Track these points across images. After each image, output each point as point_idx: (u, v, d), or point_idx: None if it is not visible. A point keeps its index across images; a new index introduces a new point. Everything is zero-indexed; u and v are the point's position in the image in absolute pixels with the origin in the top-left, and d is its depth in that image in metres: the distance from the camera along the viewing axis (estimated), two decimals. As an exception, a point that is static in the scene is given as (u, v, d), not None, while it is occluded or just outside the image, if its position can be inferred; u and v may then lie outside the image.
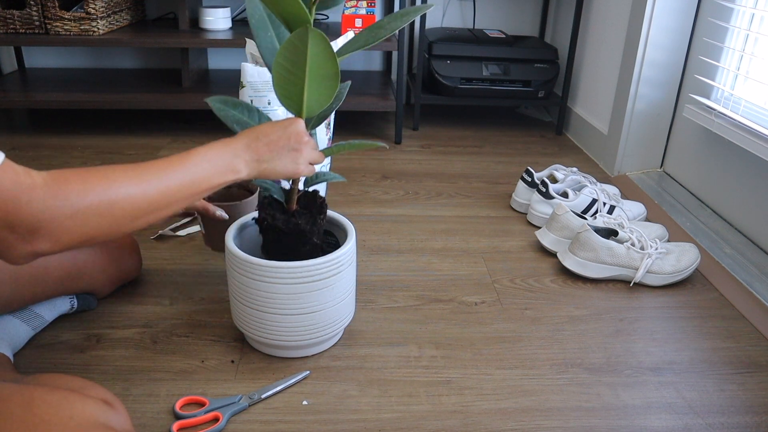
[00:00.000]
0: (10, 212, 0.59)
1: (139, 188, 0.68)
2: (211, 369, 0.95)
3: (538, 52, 2.05)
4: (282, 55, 0.76)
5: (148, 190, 0.69)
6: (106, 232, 0.67)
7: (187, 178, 0.73)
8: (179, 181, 0.72)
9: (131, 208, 0.68)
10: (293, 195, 0.93)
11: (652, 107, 1.67)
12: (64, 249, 0.65)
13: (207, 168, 0.75)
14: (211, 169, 0.75)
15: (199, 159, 0.74)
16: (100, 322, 1.05)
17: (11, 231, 0.60)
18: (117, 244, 1.06)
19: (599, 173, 1.78)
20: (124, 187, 0.67)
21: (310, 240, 0.92)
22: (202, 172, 0.74)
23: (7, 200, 0.59)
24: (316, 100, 0.82)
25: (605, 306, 1.15)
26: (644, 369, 0.99)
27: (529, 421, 0.87)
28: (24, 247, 0.61)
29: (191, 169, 0.73)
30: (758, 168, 1.32)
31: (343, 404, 0.89)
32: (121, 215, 0.67)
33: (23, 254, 0.62)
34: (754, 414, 0.90)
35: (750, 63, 1.39)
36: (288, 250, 0.93)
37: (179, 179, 0.72)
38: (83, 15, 1.81)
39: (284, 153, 0.81)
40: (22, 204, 0.60)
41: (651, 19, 1.58)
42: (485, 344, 1.03)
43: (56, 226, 0.62)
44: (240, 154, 0.78)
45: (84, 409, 0.65)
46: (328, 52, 0.75)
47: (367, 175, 1.72)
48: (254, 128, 0.81)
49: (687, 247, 1.25)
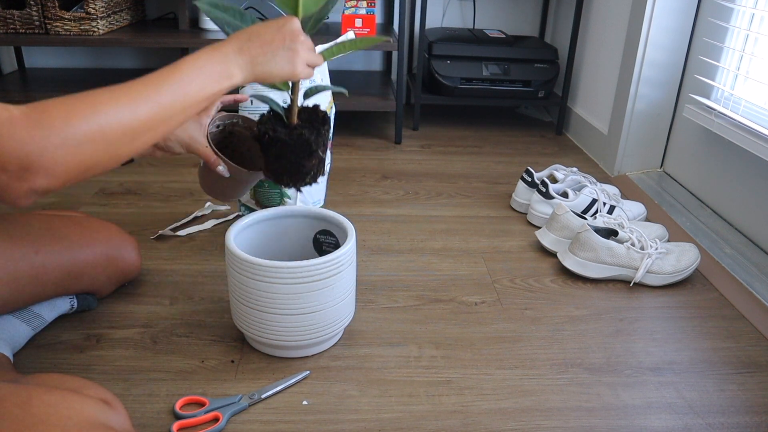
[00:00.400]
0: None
1: (129, 109, 0.65)
2: (211, 369, 0.95)
3: (538, 52, 2.05)
4: None
5: (139, 110, 0.65)
6: (106, 158, 0.64)
7: (180, 91, 0.69)
8: (171, 96, 0.68)
9: (124, 129, 0.64)
10: (293, 108, 0.88)
11: (652, 107, 1.67)
12: (65, 182, 0.62)
13: (199, 77, 0.70)
14: (203, 78, 0.71)
15: (189, 69, 0.70)
16: (100, 322, 1.05)
17: (1, 170, 0.57)
18: (117, 244, 1.06)
19: (599, 173, 1.78)
20: (113, 110, 0.63)
21: (315, 152, 0.88)
22: (194, 83, 0.70)
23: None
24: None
25: (605, 306, 1.15)
26: (644, 369, 0.99)
27: (529, 421, 0.87)
28: (20, 186, 0.59)
29: (182, 81, 0.69)
30: (758, 168, 1.32)
31: (343, 404, 0.89)
32: (115, 138, 0.64)
33: (22, 193, 0.59)
34: (754, 414, 0.90)
35: (750, 63, 1.39)
36: (293, 166, 0.88)
37: (171, 94, 0.68)
38: (83, 15, 1.81)
39: (279, 53, 0.76)
40: (4, 138, 0.56)
41: (651, 19, 1.58)
42: (485, 344, 1.03)
43: (47, 158, 0.58)
44: (232, 58, 0.74)
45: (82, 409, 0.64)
46: None
47: (367, 175, 1.72)
48: (246, 30, 0.76)
49: (687, 247, 1.25)
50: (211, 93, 0.72)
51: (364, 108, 1.94)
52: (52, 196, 1.49)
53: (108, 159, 0.64)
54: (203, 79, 0.71)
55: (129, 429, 0.69)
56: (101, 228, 1.05)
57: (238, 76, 0.74)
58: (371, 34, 1.91)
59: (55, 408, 0.62)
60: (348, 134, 2.03)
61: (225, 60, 0.73)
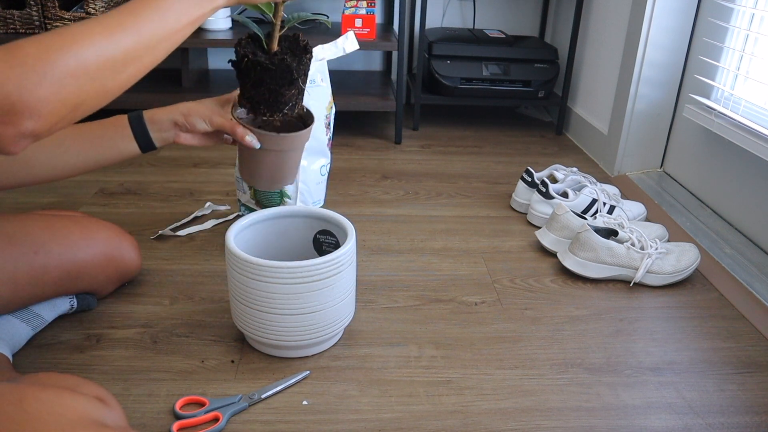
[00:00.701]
0: None
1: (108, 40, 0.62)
2: (211, 369, 0.95)
3: (538, 52, 2.05)
4: None
5: (118, 41, 0.62)
6: (92, 93, 0.61)
7: (159, 19, 0.66)
8: (151, 23, 0.65)
9: (105, 61, 0.61)
10: (274, 33, 0.85)
11: (652, 107, 1.67)
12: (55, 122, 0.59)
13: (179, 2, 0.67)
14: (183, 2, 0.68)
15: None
16: (100, 322, 1.05)
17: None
18: (117, 244, 1.06)
19: (599, 173, 1.78)
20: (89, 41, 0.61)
21: (296, 81, 0.84)
22: (174, 7, 0.67)
23: None
24: None
25: (605, 306, 1.15)
26: (644, 369, 0.99)
27: (529, 421, 0.87)
28: (8, 131, 0.56)
29: (161, 7, 0.66)
30: (758, 168, 1.32)
31: (343, 404, 0.89)
32: (97, 71, 0.61)
33: (10, 139, 0.56)
34: (754, 414, 0.90)
35: (750, 63, 1.39)
36: (272, 94, 0.85)
37: (150, 21, 0.65)
38: (83, 15, 1.81)
39: None
40: None
41: (651, 19, 1.58)
42: (485, 344, 1.03)
43: (28, 96, 0.56)
44: None
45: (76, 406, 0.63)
46: None
47: (367, 175, 1.72)
48: None
49: (687, 247, 1.25)
50: (194, 17, 0.69)
51: (364, 108, 1.94)
52: (52, 196, 1.49)
53: (95, 94, 0.62)
54: (184, 2, 0.68)
55: (124, 426, 0.68)
56: (101, 228, 1.04)
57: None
58: (371, 34, 1.92)
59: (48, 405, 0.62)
60: (348, 134, 2.03)
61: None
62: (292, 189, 1.33)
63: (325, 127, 1.36)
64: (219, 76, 2.20)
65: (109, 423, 0.65)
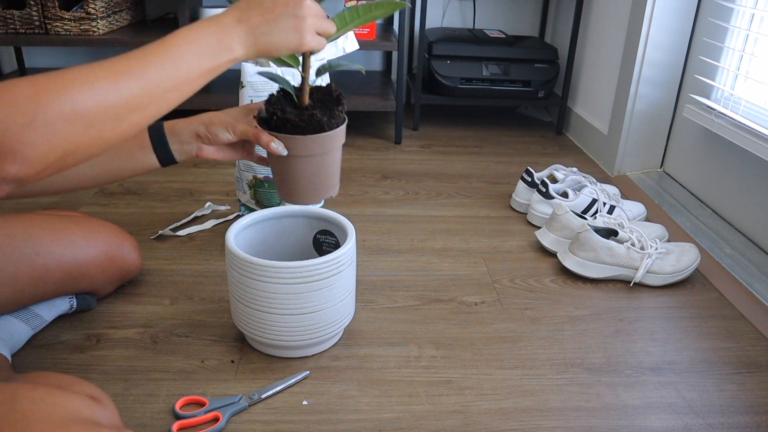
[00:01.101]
0: None
1: (110, 85, 0.57)
2: (211, 369, 0.95)
3: (538, 52, 2.05)
4: None
5: (121, 87, 0.58)
6: (87, 141, 0.56)
7: (170, 66, 0.62)
8: (161, 71, 0.61)
9: (105, 108, 0.57)
10: (305, 86, 0.81)
11: (652, 107, 1.67)
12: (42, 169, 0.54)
13: (193, 51, 0.63)
14: (198, 51, 0.64)
15: (181, 41, 0.63)
16: (100, 322, 1.04)
17: None
18: (118, 244, 1.06)
19: (599, 173, 1.78)
20: (89, 86, 0.56)
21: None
22: (187, 57, 0.63)
23: None
24: None
25: (605, 306, 1.15)
26: (644, 369, 0.99)
27: (529, 421, 0.87)
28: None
29: (174, 55, 0.62)
30: (758, 168, 1.32)
31: (343, 404, 0.89)
32: (95, 118, 0.56)
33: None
34: (754, 414, 0.90)
35: (750, 63, 1.39)
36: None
37: (160, 69, 0.61)
38: (83, 15, 1.81)
39: (283, 21, 0.69)
40: None
41: (651, 19, 1.58)
42: (485, 344, 1.03)
43: (14, 139, 0.51)
44: (231, 29, 0.67)
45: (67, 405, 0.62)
46: None
47: (367, 175, 1.72)
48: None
49: (687, 247, 1.25)
50: (207, 68, 0.65)
51: (364, 108, 1.94)
52: (53, 197, 1.49)
53: (90, 142, 0.57)
54: (198, 52, 0.64)
55: (118, 425, 0.67)
56: (101, 228, 1.04)
57: (239, 49, 0.68)
58: (371, 34, 1.91)
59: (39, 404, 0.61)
60: (348, 134, 2.02)
61: (222, 31, 0.66)
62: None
63: (325, 127, 1.35)
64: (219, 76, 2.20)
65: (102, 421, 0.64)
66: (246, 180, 1.35)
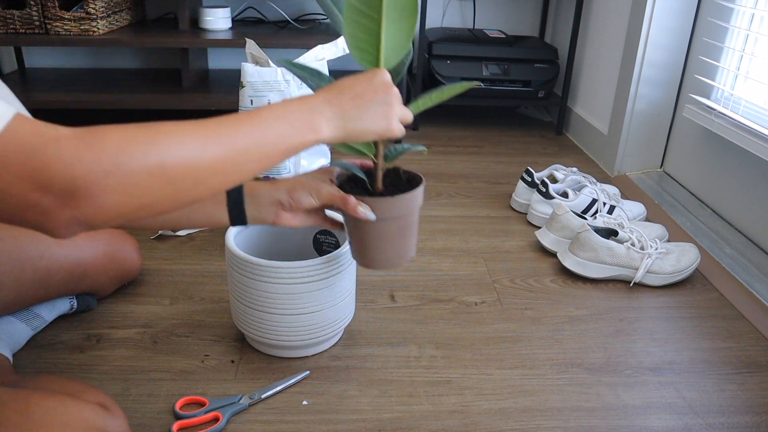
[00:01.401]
0: (37, 169, 0.49)
1: (198, 145, 0.57)
2: (211, 369, 0.95)
3: (538, 52, 2.05)
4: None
5: (208, 149, 0.57)
6: (164, 198, 0.56)
7: (258, 136, 0.61)
8: (248, 140, 0.60)
9: (189, 168, 0.56)
10: (378, 173, 0.80)
11: (652, 107, 1.67)
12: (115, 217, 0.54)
13: (281, 125, 0.63)
14: (286, 126, 0.63)
15: (272, 115, 0.63)
16: (100, 322, 1.05)
17: (44, 192, 0.50)
18: (119, 245, 1.06)
19: (599, 173, 1.78)
20: (178, 142, 0.56)
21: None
22: (275, 130, 0.62)
23: (30, 153, 0.49)
24: (394, 43, 0.70)
25: (605, 306, 1.15)
26: (644, 369, 0.99)
27: (529, 421, 0.87)
28: (64, 213, 0.51)
29: (262, 126, 0.62)
30: (758, 168, 1.32)
31: (343, 404, 0.89)
32: (177, 176, 0.55)
33: (65, 222, 0.52)
34: (754, 414, 0.90)
35: (750, 63, 1.39)
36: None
37: (248, 137, 0.60)
38: (83, 15, 1.81)
39: (373, 107, 0.68)
40: (49, 156, 0.49)
41: (651, 19, 1.58)
42: (485, 344, 1.03)
43: (95, 184, 0.51)
44: (321, 110, 0.66)
45: (80, 414, 0.64)
46: None
47: (367, 175, 1.72)
48: (335, 83, 0.69)
49: (687, 247, 1.25)
50: (292, 145, 0.64)
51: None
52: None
53: (167, 200, 0.56)
54: (286, 127, 0.63)
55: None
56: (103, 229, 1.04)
57: (326, 131, 0.66)
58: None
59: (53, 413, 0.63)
60: (348, 134, 2.03)
61: (312, 111, 0.65)
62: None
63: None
64: (219, 76, 2.20)
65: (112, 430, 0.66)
66: (246, 180, 1.35)
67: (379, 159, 0.80)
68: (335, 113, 0.67)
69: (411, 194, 0.81)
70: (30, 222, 0.52)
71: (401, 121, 0.72)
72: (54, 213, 0.51)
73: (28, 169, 0.49)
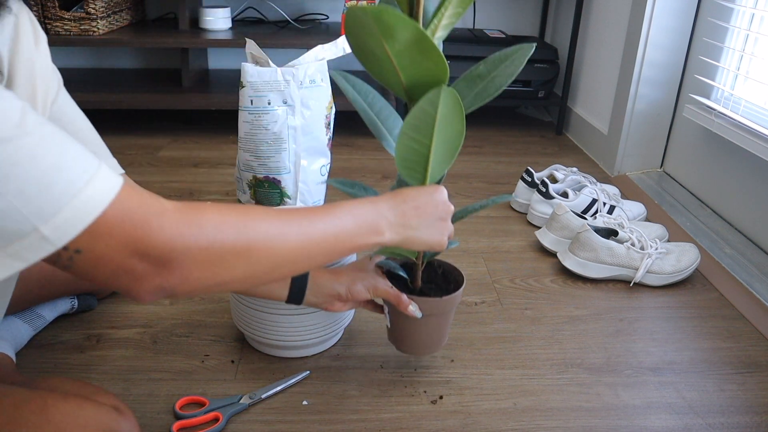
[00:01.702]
0: (140, 238, 0.53)
1: (280, 230, 0.61)
2: (211, 369, 0.95)
3: (538, 52, 2.05)
4: (409, 124, 0.69)
5: (288, 234, 0.62)
6: (241, 278, 0.60)
7: (330, 230, 0.66)
8: (322, 232, 0.65)
9: (269, 252, 0.61)
10: (417, 272, 0.88)
11: (652, 107, 1.67)
12: (194, 290, 0.57)
13: (351, 224, 0.68)
14: (355, 226, 0.68)
15: (344, 213, 0.68)
16: (100, 322, 1.05)
17: (141, 259, 0.53)
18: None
19: (599, 173, 1.78)
20: (264, 226, 0.60)
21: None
22: (345, 228, 0.67)
23: (137, 224, 0.53)
24: (440, 164, 0.75)
25: (605, 306, 1.15)
26: (644, 369, 0.99)
27: (529, 421, 0.87)
28: (153, 280, 0.55)
29: (335, 222, 0.67)
30: (758, 168, 1.32)
31: (343, 404, 0.89)
32: (257, 260, 0.60)
33: (151, 288, 0.55)
34: (754, 414, 0.90)
35: (750, 63, 1.39)
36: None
37: (322, 229, 0.65)
38: (83, 15, 1.81)
39: (431, 221, 0.74)
40: (153, 228, 0.53)
41: (651, 19, 1.58)
42: (485, 344, 1.03)
43: (189, 258, 0.55)
44: (385, 215, 0.71)
45: (96, 417, 0.66)
46: (458, 109, 0.68)
47: (367, 175, 1.72)
48: (399, 191, 0.74)
49: (687, 247, 1.25)
50: (357, 244, 0.69)
51: (364, 108, 1.94)
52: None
53: (243, 279, 0.60)
54: (356, 226, 0.68)
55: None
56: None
57: (387, 235, 0.71)
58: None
59: (71, 416, 0.65)
60: (348, 134, 2.03)
61: (379, 215, 0.71)
62: (292, 189, 1.33)
63: (325, 127, 1.36)
64: (219, 76, 2.20)
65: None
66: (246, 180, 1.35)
67: (419, 259, 0.86)
68: (398, 220, 0.72)
69: (455, 295, 0.88)
70: (120, 285, 0.55)
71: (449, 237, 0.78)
72: (145, 279, 0.54)
73: (133, 238, 0.52)
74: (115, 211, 0.52)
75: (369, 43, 0.66)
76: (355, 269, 0.88)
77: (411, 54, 0.66)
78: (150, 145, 1.87)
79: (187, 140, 1.92)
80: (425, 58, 0.66)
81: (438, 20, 0.69)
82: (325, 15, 2.29)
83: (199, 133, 1.98)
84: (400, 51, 0.65)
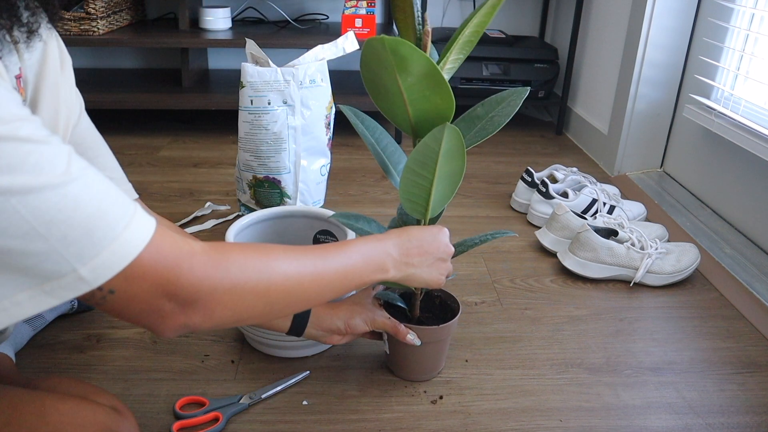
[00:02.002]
0: (171, 281, 0.55)
1: (297, 270, 0.64)
2: (211, 369, 0.95)
3: (538, 52, 2.05)
4: (413, 159, 0.72)
5: (304, 274, 0.65)
6: (257, 315, 0.63)
7: (342, 267, 0.69)
8: (335, 269, 0.68)
9: (287, 293, 0.64)
10: (416, 302, 0.91)
11: (652, 107, 1.67)
12: (212, 326, 0.60)
13: (360, 262, 0.71)
14: (363, 264, 0.71)
15: (354, 250, 0.70)
16: (100, 322, 1.05)
17: (169, 299, 0.55)
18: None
19: (599, 173, 1.78)
20: (283, 266, 0.63)
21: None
22: (355, 266, 0.70)
23: (169, 266, 0.55)
24: (440, 199, 0.78)
25: (605, 306, 1.15)
26: (644, 369, 0.99)
27: (529, 421, 0.87)
28: (178, 319, 0.57)
29: (346, 259, 0.69)
30: (758, 168, 1.32)
31: (343, 404, 0.89)
32: (276, 300, 0.63)
33: (175, 326, 0.58)
34: (754, 414, 0.90)
35: (750, 63, 1.39)
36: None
37: (335, 266, 0.68)
38: (83, 15, 1.81)
39: (432, 261, 0.78)
40: (183, 271, 0.55)
41: (651, 19, 1.58)
42: (485, 344, 1.03)
43: (214, 298, 0.58)
44: (391, 252, 0.74)
45: (95, 417, 0.66)
46: (460, 146, 0.70)
47: (367, 175, 1.72)
48: (404, 229, 0.78)
49: (687, 247, 1.25)
50: (363, 281, 0.72)
51: (365, 108, 1.94)
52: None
53: (260, 315, 0.63)
54: (364, 264, 0.71)
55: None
56: None
57: (391, 272, 0.74)
58: (371, 34, 1.91)
59: (69, 416, 0.64)
60: (348, 134, 2.03)
61: (385, 253, 0.74)
62: (292, 189, 1.34)
63: (325, 127, 1.36)
64: (219, 76, 2.20)
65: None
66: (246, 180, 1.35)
67: (418, 289, 0.90)
68: (401, 258, 0.75)
69: (452, 323, 0.91)
70: (146, 322, 0.57)
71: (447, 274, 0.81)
72: (171, 318, 0.57)
73: (164, 279, 0.54)
74: (149, 254, 0.53)
75: (383, 76, 0.69)
76: (353, 303, 0.90)
77: (421, 88, 0.69)
78: (150, 145, 1.87)
79: (187, 140, 1.92)
80: (434, 92, 0.69)
81: (443, 64, 0.74)
82: (325, 15, 2.29)
83: (199, 133, 1.98)
84: (412, 84, 0.69)
